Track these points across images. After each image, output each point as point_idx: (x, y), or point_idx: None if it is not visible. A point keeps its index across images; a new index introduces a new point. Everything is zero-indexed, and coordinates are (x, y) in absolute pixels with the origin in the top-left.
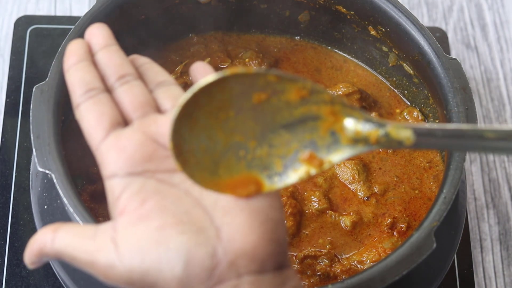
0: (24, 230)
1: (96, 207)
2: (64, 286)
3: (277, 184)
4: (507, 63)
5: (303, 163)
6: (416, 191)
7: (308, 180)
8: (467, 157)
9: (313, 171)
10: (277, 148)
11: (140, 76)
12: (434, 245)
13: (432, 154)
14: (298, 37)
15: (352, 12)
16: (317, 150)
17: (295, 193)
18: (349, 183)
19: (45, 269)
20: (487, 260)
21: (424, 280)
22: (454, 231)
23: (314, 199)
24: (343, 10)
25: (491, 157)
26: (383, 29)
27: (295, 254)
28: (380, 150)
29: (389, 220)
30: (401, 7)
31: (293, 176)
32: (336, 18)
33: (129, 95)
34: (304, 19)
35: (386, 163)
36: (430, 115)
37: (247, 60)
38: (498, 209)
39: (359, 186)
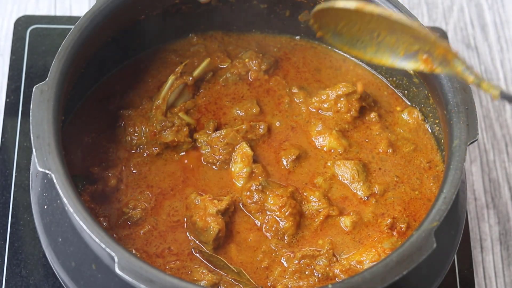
0: (24, 230)
1: (96, 207)
2: (64, 286)
3: (396, 64)
4: (507, 63)
5: (419, 61)
6: (416, 192)
7: (308, 180)
8: (467, 157)
9: (422, 67)
10: (403, 42)
11: None
12: (434, 245)
13: (432, 155)
14: (298, 37)
15: None
16: (432, 59)
17: (295, 194)
18: (349, 183)
19: (45, 269)
20: (487, 260)
21: (424, 280)
22: (454, 231)
23: (314, 199)
24: None
25: (491, 157)
26: None
27: (293, 254)
28: (380, 150)
29: (389, 220)
30: (401, 7)
31: (409, 64)
32: None
33: None
34: (304, 19)
35: (386, 163)
36: (430, 115)
37: (246, 60)
38: (498, 209)
39: (359, 186)
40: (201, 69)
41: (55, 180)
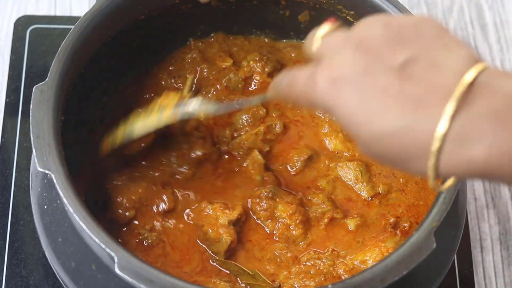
0: (24, 230)
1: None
2: (64, 286)
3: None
4: (507, 63)
5: None
6: (421, 192)
7: (311, 183)
8: None
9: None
10: None
11: None
12: (434, 245)
13: None
14: (299, 38)
15: (352, 12)
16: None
17: (303, 200)
18: (353, 184)
19: (45, 269)
20: (487, 260)
21: (425, 280)
22: (454, 231)
23: (318, 202)
24: (343, 10)
25: None
26: None
27: (298, 257)
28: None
29: (392, 219)
30: (401, 7)
31: None
32: (336, 18)
33: None
34: (304, 19)
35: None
36: None
37: (251, 62)
38: (498, 209)
39: (363, 187)
40: (188, 88)
41: (55, 180)
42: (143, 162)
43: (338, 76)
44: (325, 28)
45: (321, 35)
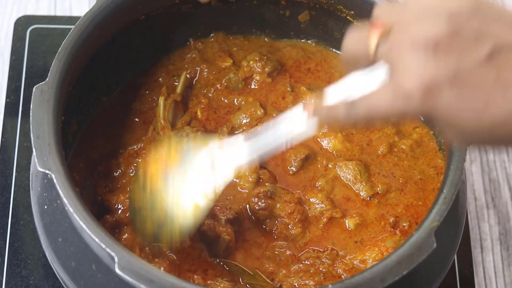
0: (24, 230)
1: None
2: (64, 286)
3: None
4: None
5: None
6: (420, 193)
7: (308, 182)
8: (467, 157)
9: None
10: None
11: None
12: (434, 245)
13: (436, 158)
14: (299, 38)
15: (352, 12)
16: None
17: (301, 199)
18: (352, 183)
19: (45, 269)
20: (487, 260)
21: (425, 280)
22: (454, 231)
23: (317, 201)
24: (343, 10)
25: (491, 157)
26: None
27: (297, 256)
28: (380, 152)
29: (392, 219)
30: None
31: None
32: (336, 18)
33: None
34: (304, 19)
35: (388, 166)
36: None
37: (251, 62)
38: (498, 209)
39: (362, 186)
40: (182, 85)
41: (55, 180)
42: (137, 159)
43: (429, 84)
44: (375, 36)
45: (375, 45)
